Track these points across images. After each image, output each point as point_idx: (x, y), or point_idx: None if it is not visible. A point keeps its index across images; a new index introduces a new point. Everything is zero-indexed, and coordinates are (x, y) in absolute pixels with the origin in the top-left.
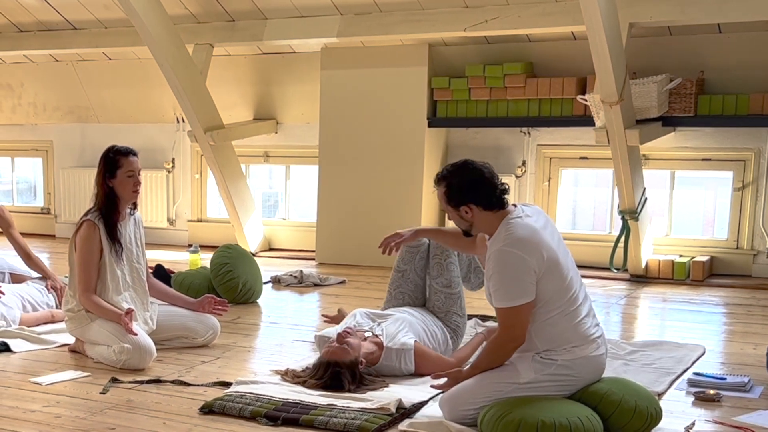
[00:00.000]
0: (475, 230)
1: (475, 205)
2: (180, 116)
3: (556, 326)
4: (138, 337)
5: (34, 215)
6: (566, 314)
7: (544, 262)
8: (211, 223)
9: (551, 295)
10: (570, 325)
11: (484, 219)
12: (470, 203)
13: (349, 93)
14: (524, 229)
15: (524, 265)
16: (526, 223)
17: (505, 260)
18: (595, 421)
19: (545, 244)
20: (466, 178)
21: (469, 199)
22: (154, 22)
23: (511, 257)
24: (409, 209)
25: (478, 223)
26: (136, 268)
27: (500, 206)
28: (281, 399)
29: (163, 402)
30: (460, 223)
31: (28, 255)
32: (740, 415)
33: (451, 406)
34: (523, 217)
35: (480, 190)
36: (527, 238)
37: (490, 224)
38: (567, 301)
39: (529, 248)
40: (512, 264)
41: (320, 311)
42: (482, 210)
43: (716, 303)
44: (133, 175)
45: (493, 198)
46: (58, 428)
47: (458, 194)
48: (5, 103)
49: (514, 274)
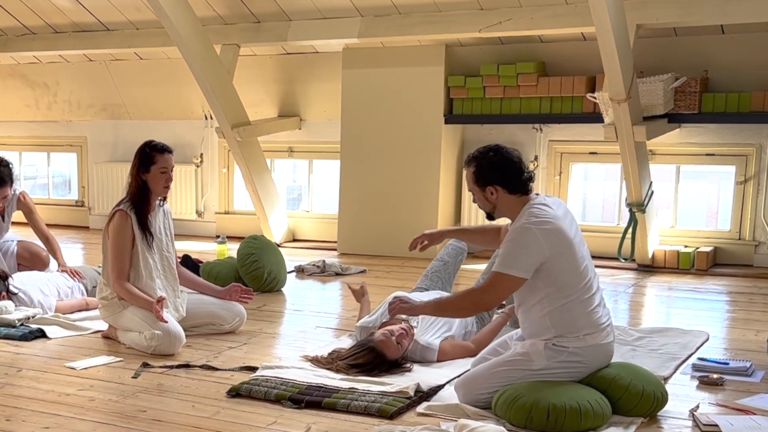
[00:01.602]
0: (497, 213)
1: (500, 187)
2: (208, 113)
3: (570, 312)
4: (168, 324)
5: (69, 208)
6: (580, 302)
7: (558, 246)
8: (237, 215)
9: (567, 279)
10: (583, 313)
11: (508, 202)
12: (496, 184)
13: (369, 91)
14: (545, 214)
15: (535, 245)
16: (546, 209)
17: (521, 234)
18: (604, 404)
19: (563, 230)
20: (495, 160)
21: (496, 181)
22: (183, 23)
23: (527, 234)
24: (427, 202)
25: (501, 206)
26: (166, 256)
27: (524, 192)
28: (305, 383)
29: (192, 386)
30: (484, 205)
31: (47, 238)
32: (742, 399)
33: (467, 390)
34: (545, 205)
35: (507, 173)
36: (546, 223)
37: (513, 208)
38: (582, 288)
39: (548, 233)
40: (524, 240)
41: (342, 299)
42: (506, 193)
43: (719, 291)
44: (166, 172)
45: (518, 182)
46: (92, 411)
47: (486, 174)
48: (42, 101)
49: (521, 249)
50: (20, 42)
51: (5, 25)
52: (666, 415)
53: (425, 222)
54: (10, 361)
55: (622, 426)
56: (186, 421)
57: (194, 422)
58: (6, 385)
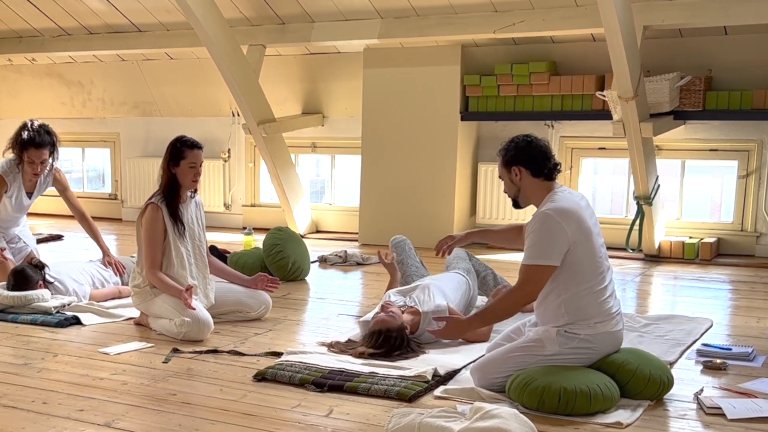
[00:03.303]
0: (522, 198)
1: (524, 168)
2: (235, 110)
3: (583, 300)
4: (197, 312)
5: (103, 201)
6: (594, 291)
7: (579, 233)
8: (263, 207)
9: (584, 267)
10: (595, 303)
11: (532, 185)
12: (520, 165)
13: (388, 89)
14: (567, 202)
15: (561, 232)
16: (569, 197)
17: (544, 223)
18: (613, 388)
19: (583, 219)
20: (522, 143)
21: (520, 161)
22: (211, 25)
23: (550, 221)
24: (444, 195)
25: (525, 189)
26: (197, 245)
27: (548, 177)
28: (327, 367)
29: (220, 370)
30: (510, 189)
31: (83, 215)
32: (744, 383)
33: (481, 374)
34: (567, 194)
35: (531, 155)
36: (568, 209)
37: (537, 192)
38: (596, 278)
39: (568, 219)
40: (549, 228)
41: (363, 288)
42: (530, 175)
43: (722, 280)
44: (195, 167)
45: (543, 166)
46: (124, 394)
47: (511, 155)
48: (77, 99)
49: (548, 238)
50: (56, 43)
51: (42, 26)
52: (672, 398)
53: (442, 214)
54: (47, 347)
55: (630, 408)
56: (214, 404)
57: (222, 405)
58: (43, 369)
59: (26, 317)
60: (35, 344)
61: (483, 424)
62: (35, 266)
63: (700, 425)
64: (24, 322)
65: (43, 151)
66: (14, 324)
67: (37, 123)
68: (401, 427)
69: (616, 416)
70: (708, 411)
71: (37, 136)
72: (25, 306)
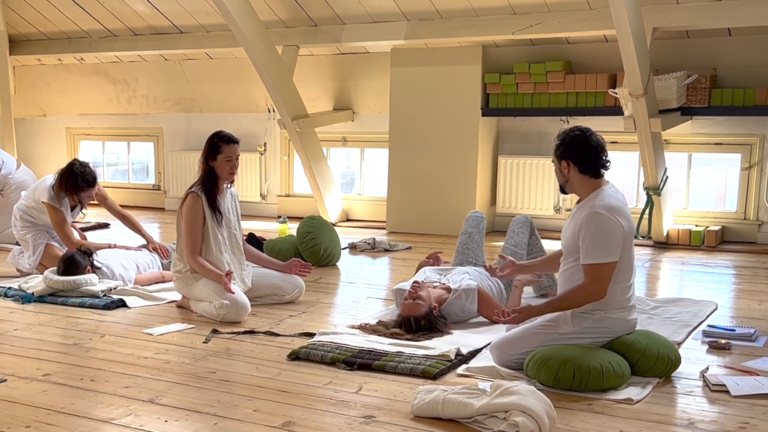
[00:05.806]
0: (569, 187)
1: (573, 164)
2: (271, 107)
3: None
4: (235, 295)
5: (147, 191)
6: (623, 287)
7: (628, 229)
8: (297, 197)
9: (623, 263)
10: (621, 297)
11: (578, 180)
12: (570, 161)
13: (414, 87)
14: (616, 200)
15: (617, 227)
16: (615, 195)
17: (600, 221)
18: (624, 366)
19: (629, 216)
20: (575, 139)
21: (569, 157)
22: (248, 26)
23: (605, 220)
24: (466, 186)
25: (572, 182)
26: (233, 233)
27: (595, 175)
28: (357, 347)
29: (257, 350)
30: (558, 177)
31: (123, 216)
32: (747, 361)
33: (500, 352)
34: (615, 192)
35: (581, 153)
36: (619, 207)
37: (582, 188)
38: (628, 273)
39: (620, 215)
40: (605, 226)
41: (390, 273)
42: (577, 171)
43: (727, 266)
44: (231, 160)
45: (590, 165)
46: (167, 372)
47: (563, 149)
48: (122, 96)
49: (606, 235)
50: (103, 43)
51: (90, 28)
52: (679, 376)
53: (465, 204)
54: (94, 328)
55: (640, 386)
56: (251, 382)
57: (258, 382)
58: (91, 349)
59: (75, 300)
60: (83, 325)
61: (503, 400)
62: (83, 252)
63: (706, 401)
64: (73, 305)
65: (90, 190)
66: (64, 307)
67: (79, 164)
68: (426, 403)
69: (627, 393)
70: (713, 388)
71: (90, 178)
72: (74, 290)
